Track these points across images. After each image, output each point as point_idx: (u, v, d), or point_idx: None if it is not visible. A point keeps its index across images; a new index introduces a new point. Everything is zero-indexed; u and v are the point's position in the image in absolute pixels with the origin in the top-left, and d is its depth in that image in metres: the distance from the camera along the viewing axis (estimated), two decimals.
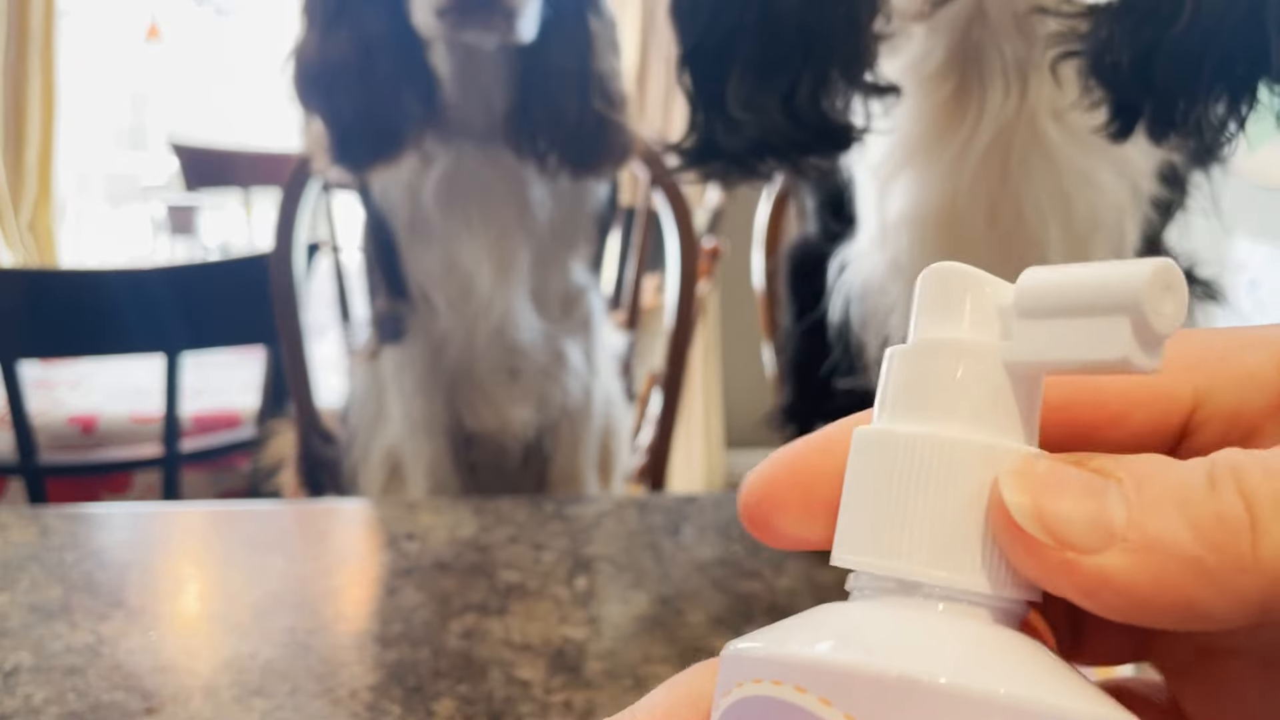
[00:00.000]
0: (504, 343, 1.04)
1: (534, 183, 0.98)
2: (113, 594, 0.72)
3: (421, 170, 0.98)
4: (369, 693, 0.61)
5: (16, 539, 0.79)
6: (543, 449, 1.15)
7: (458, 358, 1.06)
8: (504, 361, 1.05)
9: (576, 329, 1.09)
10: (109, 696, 0.60)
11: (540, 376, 1.07)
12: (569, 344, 1.09)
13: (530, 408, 1.08)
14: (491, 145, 0.98)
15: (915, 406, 0.20)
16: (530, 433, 1.11)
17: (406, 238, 1.01)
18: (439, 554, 0.79)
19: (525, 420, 1.08)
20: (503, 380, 1.07)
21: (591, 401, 1.13)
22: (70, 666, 0.63)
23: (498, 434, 1.10)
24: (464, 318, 1.02)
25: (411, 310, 1.05)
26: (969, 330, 0.20)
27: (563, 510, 0.88)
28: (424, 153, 0.97)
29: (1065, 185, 0.68)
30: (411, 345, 1.06)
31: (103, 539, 0.81)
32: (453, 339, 1.04)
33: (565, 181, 0.98)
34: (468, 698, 0.60)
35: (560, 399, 1.09)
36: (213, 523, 0.86)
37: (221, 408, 1.66)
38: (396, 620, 0.69)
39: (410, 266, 1.02)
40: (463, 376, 1.07)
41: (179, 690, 0.61)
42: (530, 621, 0.69)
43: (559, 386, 1.08)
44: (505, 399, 1.07)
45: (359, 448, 1.15)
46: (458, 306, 1.02)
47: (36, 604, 0.70)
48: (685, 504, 0.90)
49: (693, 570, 0.78)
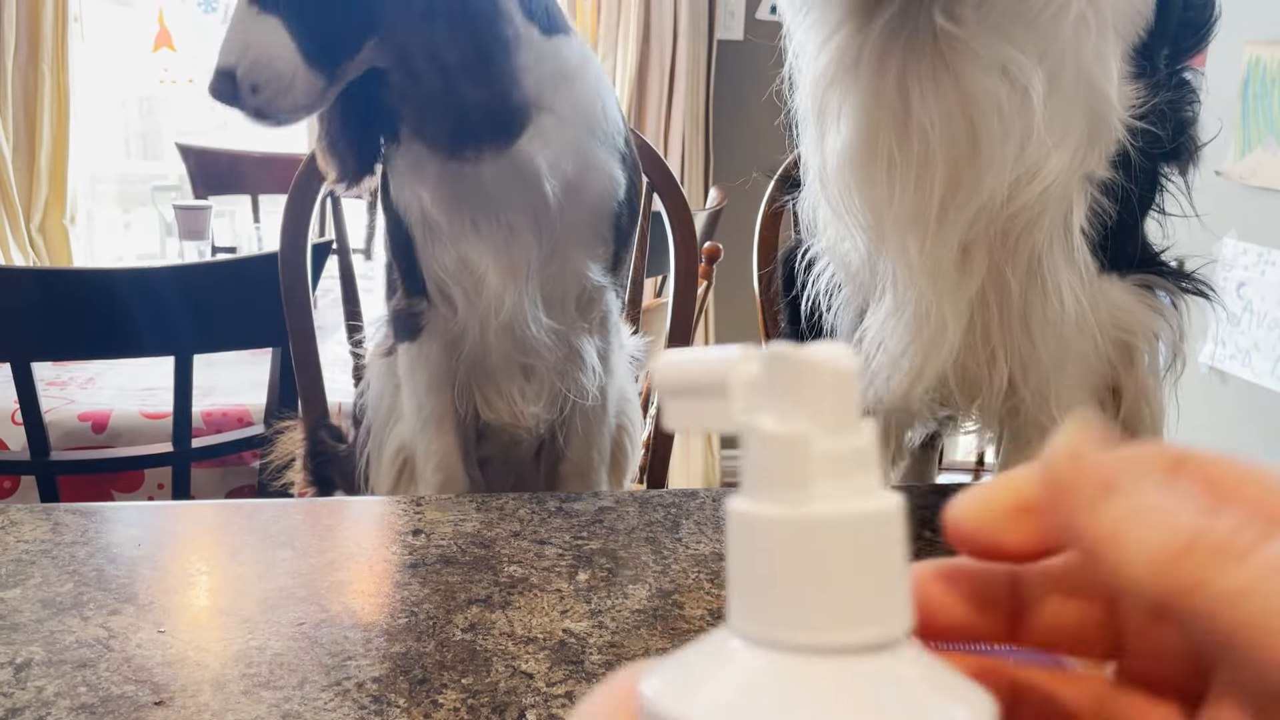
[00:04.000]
0: (516, 340, 1.04)
1: (545, 178, 0.99)
2: (123, 589, 0.73)
3: (419, 176, 0.99)
4: (375, 685, 0.62)
5: (29, 535, 0.80)
6: (555, 444, 1.16)
7: (471, 354, 1.06)
8: (517, 359, 1.06)
9: (593, 328, 1.09)
10: (119, 689, 0.61)
11: (554, 374, 1.08)
12: (585, 343, 1.09)
13: (543, 405, 1.08)
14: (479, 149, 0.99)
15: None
16: (542, 428, 1.12)
17: (422, 235, 1.02)
18: (444, 549, 0.80)
19: (538, 416, 1.09)
20: (516, 377, 1.07)
21: (607, 400, 1.14)
22: (81, 660, 0.64)
23: (510, 427, 1.11)
24: (477, 313, 1.03)
25: (429, 307, 1.05)
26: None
27: (565, 506, 0.89)
28: (417, 162, 0.98)
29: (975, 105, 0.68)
30: (426, 342, 1.07)
31: (113, 535, 0.82)
32: (467, 335, 1.05)
33: (567, 172, 0.99)
34: (472, 690, 0.61)
35: (574, 397, 1.10)
36: (222, 519, 0.87)
37: (231, 405, 1.68)
38: (402, 614, 0.70)
39: (426, 264, 1.03)
40: (476, 371, 1.08)
41: (188, 683, 0.62)
42: (533, 615, 0.70)
43: (573, 384, 1.09)
44: (518, 396, 1.08)
45: (372, 444, 1.16)
46: (472, 302, 1.03)
47: (48, 599, 0.71)
48: (685, 500, 0.91)
49: (692, 565, 0.78)
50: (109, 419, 1.62)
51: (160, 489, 1.62)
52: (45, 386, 1.71)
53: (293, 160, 2.54)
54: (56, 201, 3.11)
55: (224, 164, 2.90)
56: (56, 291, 1.40)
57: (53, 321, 1.39)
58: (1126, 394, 0.79)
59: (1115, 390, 0.80)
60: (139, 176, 3.68)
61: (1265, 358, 2.35)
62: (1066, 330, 0.75)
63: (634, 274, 1.51)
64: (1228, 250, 2.42)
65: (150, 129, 3.75)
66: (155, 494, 1.62)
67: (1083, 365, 0.78)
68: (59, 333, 1.41)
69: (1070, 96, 0.69)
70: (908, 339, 0.77)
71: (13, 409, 1.54)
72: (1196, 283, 0.80)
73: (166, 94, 3.67)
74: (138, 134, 3.75)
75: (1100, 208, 0.73)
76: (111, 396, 1.70)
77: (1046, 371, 0.76)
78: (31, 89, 3.03)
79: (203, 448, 1.51)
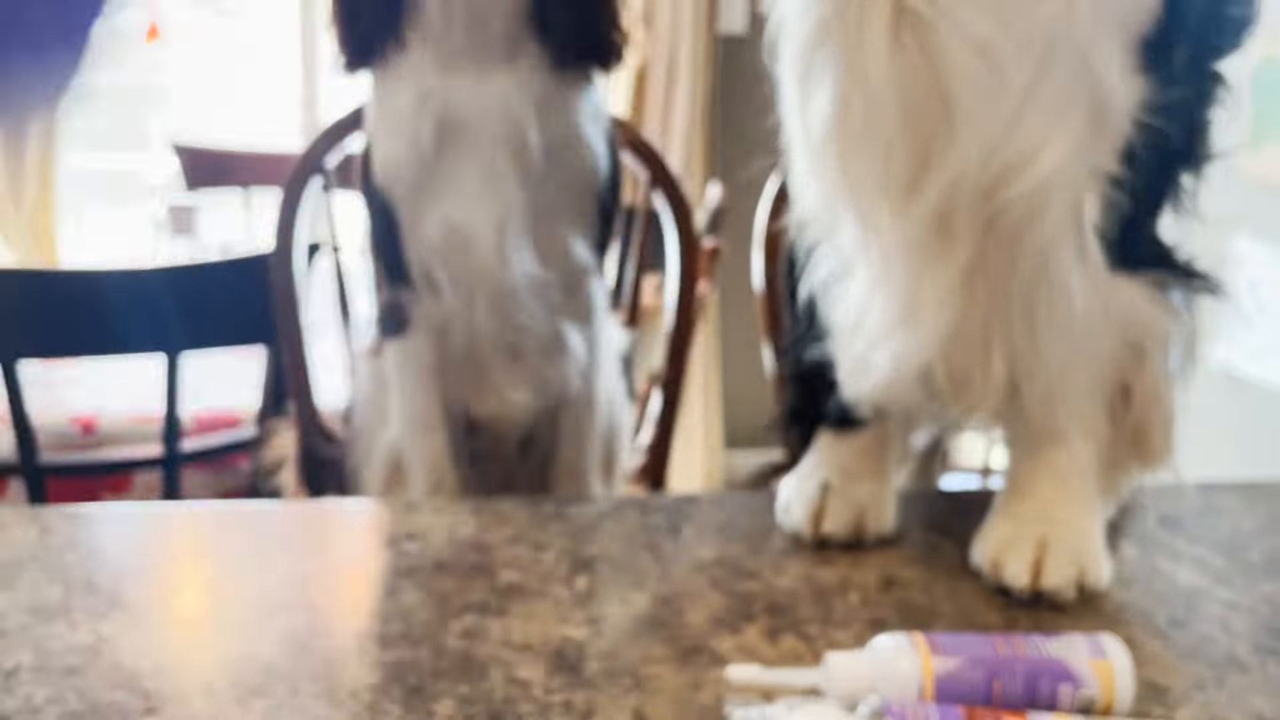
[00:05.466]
0: (504, 315, 1.04)
1: (531, 124, 1.00)
2: (113, 594, 0.72)
3: (420, 109, 1.00)
4: (369, 693, 0.61)
5: (17, 539, 0.79)
6: (541, 439, 1.16)
7: (460, 341, 1.06)
8: (505, 337, 1.06)
9: (578, 315, 1.10)
10: (109, 696, 0.60)
11: (540, 357, 1.08)
12: (569, 329, 1.09)
13: (529, 390, 1.09)
14: (489, 76, 1.00)
15: None
16: (529, 417, 1.12)
17: (409, 206, 1.02)
18: (439, 554, 0.79)
19: (524, 403, 1.09)
20: (503, 360, 1.08)
21: (594, 394, 1.14)
22: (70, 666, 0.63)
23: (497, 419, 1.11)
24: (465, 290, 1.03)
25: (415, 298, 1.05)
26: None
27: (562, 510, 0.88)
28: (424, 88, 1.00)
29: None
30: (413, 337, 1.07)
31: (103, 539, 0.81)
32: (455, 320, 1.05)
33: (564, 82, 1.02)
34: (467, 698, 0.60)
35: (559, 384, 1.10)
36: (213, 523, 0.86)
37: (222, 407, 1.66)
38: (396, 620, 0.69)
39: (412, 245, 1.03)
40: (464, 360, 1.08)
41: (179, 690, 0.61)
42: (530, 621, 0.69)
43: (558, 371, 1.09)
44: (505, 381, 1.08)
45: (363, 446, 1.16)
46: (459, 276, 1.03)
47: (37, 604, 0.70)
48: (685, 504, 0.90)
49: (692, 570, 0.78)
50: (98, 421, 1.61)
51: (150, 491, 1.61)
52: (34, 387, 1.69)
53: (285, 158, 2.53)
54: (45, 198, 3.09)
55: (215, 161, 2.88)
56: (44, 291, 1.39)
57: (41, 321, 1.38)
58: (1137, 395, 0.79)
59: (1126, 392, 0.79)
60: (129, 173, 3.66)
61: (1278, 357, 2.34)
62: (1075, 331, 0.74)
63: (634, 274, 1.50)
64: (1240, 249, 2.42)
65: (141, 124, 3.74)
66: (145, 496, 1.61)
67: (1092, 367, 0.77)
68: (47, 333, 1.40)
69: (1066, 85, 0.68)
70: (886, 318, 0.76)
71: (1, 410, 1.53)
72: (1210, 281, 0.79)
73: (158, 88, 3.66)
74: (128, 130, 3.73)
75: (1112, 204, 0.72)
76: (101, 398, 1.68)
77: (1053, 374, 0.76)
78: None
79: (193, 451, 1.50)
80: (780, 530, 0.85)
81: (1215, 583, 0.77)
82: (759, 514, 0.88)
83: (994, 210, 0.71)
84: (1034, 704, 0.57)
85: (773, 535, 0.84)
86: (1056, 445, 0.79)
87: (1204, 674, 0.65)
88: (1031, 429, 0.80)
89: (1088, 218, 0.71)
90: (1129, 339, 0.77)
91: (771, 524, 0.86)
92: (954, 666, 0.57)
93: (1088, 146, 0.70)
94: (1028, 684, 0.57)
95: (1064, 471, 0.79)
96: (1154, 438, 0.81)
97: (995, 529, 0.79)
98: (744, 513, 0.88)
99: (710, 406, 3.34)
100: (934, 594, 0.75)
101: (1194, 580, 0.78)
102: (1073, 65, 0.67)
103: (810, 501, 0.83)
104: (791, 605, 0.72)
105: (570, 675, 0.63)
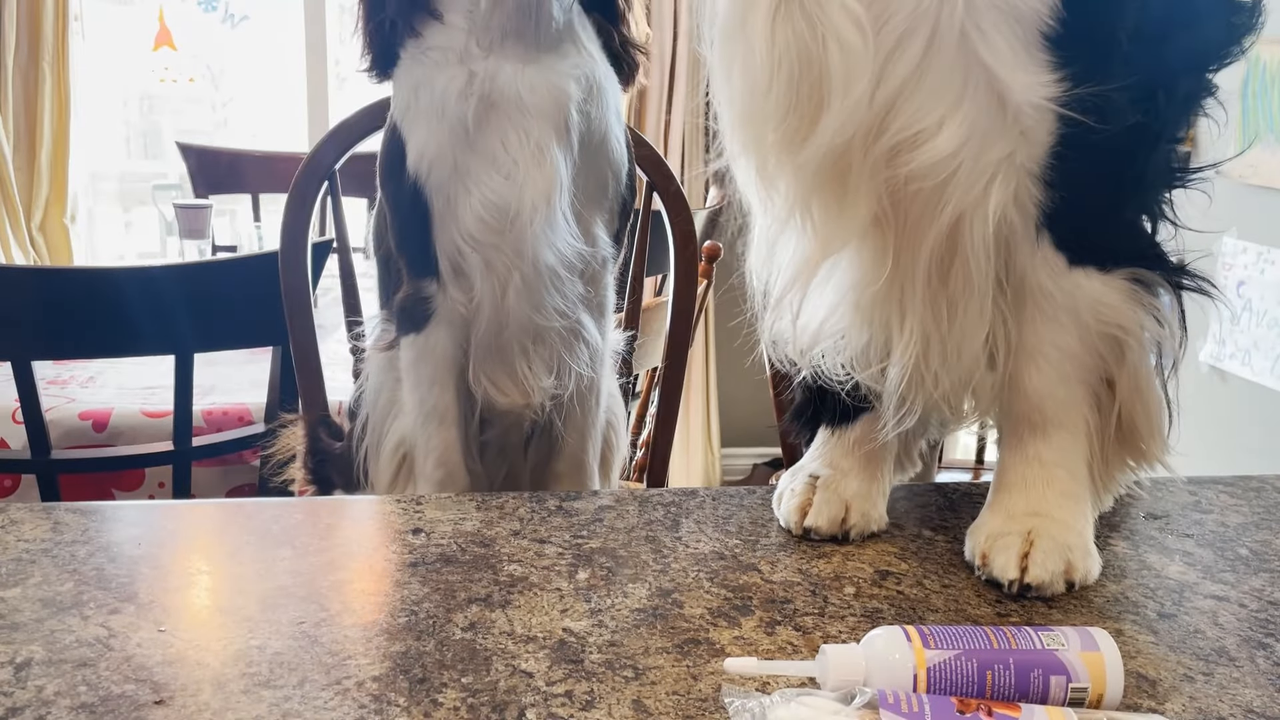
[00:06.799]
0: (535, 301, 1.05)
1: (575, 106, 1.03)
2: (123, 588, 0.73)
3: (466, 90, 1.01)
4: (375, 684, 0.62)
5: (29, 534, 0.81)
6: (550, 434, 1.16)
7: (484, 332, 1.07)
8: (534, 323, 1.06)
9: (595, 305, 1.12)
10: (120, 689, 0.61)
11: (561, 345, 1.09)
12: (585, 317, 1.11)
13: (550, 376, 1.10)
14: (536, 58, 1.02)
15: None
16: (547, 403, 1.12)
17: (447, 190, 1.03)
18: (444, 548, 0.80)
19: (546, 390, 1.10)
20: (527, 348, 1.09)
21: (599, 390, 1.15)
22: (81, 659, 0.64)
23: (517, 408, 1.11)
24: (498, 275, 1.04)
25: (439, 289, 1.06)
26: None
27: (564, 505, 0.89)
28: (469, 70, 1.02)
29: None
30: (434, 331, 1.07)
31: (114, 534, 0.82)
32: (483, 309, 1.06)
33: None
34: (472, 689, 0.62)
35: (575, 372, 1.11)
36: (222, 518, 0.88)
37: (232, 404, 1.68)
38: (402, 613, 0.71)
39: (443, 234, 1.03)
40: (487, 354, 1.08)
41: (189, 682, 0.62)
42: (533, 614, 0.71)
43: (575, 358, 1.10)
44: (529, 370, 1.09)
45: (371, 439, 1.16)
46: (494, 259, 1.04)
47: (48, 598, 0.71)
48: (684, 499, 0.91)
49: (692, 563, 0.79)
50: (109, 418, 1.62)
51: (161, 488, 1.62)
52: (46, 385, 1.71)
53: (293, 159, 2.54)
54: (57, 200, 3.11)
55: (224, 163, 2.90)
56: (57, 290, 1.40)
57: (53, 320, 1.40)
58: (1120, 388, 0.79)
59: (1110, 385, 0.80)
60: (139, 175, 3.68)
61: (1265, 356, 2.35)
62: (1028, 319, 0.76)
63: (634, 274, 1.51)
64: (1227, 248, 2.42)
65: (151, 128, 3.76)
66: (156, 493, 1.62)
67: (1059, 358, 0.78)
68: (59, 331, 1.41)
69: (956, 71, 0.70)
70: (791, 273, 0.81)
71: (13, 408, 1.54)
72: (1197, 279, 0.80)
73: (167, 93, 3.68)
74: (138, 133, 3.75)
75: (1055, 199, 0.73)
76: (112, 395, 1.70)
77: (965, 348, 0.78)
78: (32, 88, 3.03)
79: (203, 446, 1.52)
80: (777, 524, 0.86)
81: (1204, 576, 0.78)
82: (756, 509, 0.89)
83: (900, 178, 0.73)
84: (1026, 696, 0.58)
85: (770, 530, 0.85)
86: (1042, 438, 0.79)
87: (1193, 666, 0.66)
88: (1014, 421, 0.80)
89: (993, 208, 0.72)
90: (1103, 333, 0.77)
91: (769, 519, 0.87)
92: (947, 658, 0.58)
93: (993, 134, 0.71)
94: (1020, 676, 0.58)
95: (1050, 465, 0.79)
96: (1142, 432, 0.81)
97: (985, 523, 0.80)
98: (742, 508, 0.89)
99: (709, 406, 3.36)
100: (927, 587, 0.76)
101: (1183, 574, 0.79)
102: (961, 53, 0.69)
103: (797, 495, 0.85)
104: (788, 598, 0.73)
105: (572, 666, 0.64)
